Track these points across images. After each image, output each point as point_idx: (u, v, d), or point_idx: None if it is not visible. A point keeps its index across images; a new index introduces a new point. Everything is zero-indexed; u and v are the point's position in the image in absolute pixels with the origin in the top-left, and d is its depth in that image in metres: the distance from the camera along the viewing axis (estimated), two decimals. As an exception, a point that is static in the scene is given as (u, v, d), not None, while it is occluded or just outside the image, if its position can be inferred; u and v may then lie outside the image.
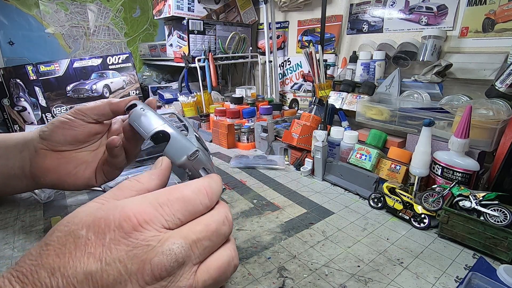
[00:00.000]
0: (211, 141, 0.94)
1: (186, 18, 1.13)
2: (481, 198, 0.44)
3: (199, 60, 1.15)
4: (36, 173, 0.43)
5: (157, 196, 0.24)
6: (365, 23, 0.97)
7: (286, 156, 0.78)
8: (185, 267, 0.23)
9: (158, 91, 1.37)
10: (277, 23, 1.28)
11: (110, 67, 1.20)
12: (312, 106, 0.81)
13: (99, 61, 1.18)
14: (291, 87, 1.28)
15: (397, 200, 0.51)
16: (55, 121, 0.42)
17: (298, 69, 1.25)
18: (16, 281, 0.20)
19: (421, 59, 0.76)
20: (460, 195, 0.46)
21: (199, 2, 1.20)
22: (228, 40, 1.23)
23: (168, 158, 0.30)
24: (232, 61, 1.30)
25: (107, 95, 1.18)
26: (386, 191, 0.53)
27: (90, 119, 0.43)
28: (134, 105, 0.37)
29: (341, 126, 0.83)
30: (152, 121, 0.34)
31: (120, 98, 1.20)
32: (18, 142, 0.43)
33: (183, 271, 0.23)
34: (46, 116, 1.07)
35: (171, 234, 0.23)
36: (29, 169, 0.43)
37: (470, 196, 0.45)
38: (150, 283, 0.21)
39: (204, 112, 1.13)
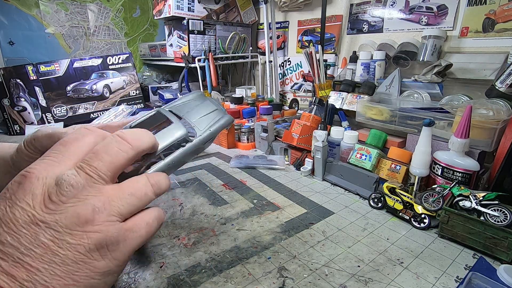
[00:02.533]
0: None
1: (186, 18, 1.13)
2: (481, 198, 0.44)
3: (199, 60, 1.15)
4: None
5: (46, 152, 0.27)
6: (365, 23, 0.97)
7: (286, 156, 0.78)
8: (88, 188, 0.26)
9: (158, 91, 1.37)
10: (277, 23, 1.28)
11: (110, 67, 1.20)
12: (312, 106, 0.81)
13: (99, 61, 1.18)
14: (291, 87, 1.28)
15: (397, 200, 0.51)
16: (18, 149, 0.37)
17: (298, 69, 1.25)
18: None
19: (421, 59, 0.76)
20: (460, 195, 0.46)
21: (199, 2, 1.20)
22: (228, 40, 1.23)
23: None
24: (232, 61, 1.30)
25: (107, 95, 1.18)
26: (386, 191, 0.53)
27: (42, 151, 0.35)
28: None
29: (341, 126, 0.82)
30: None
31: (121, 98, 1.20)
32: (1, 164, 0.39)
33: (88, 191, 0.25)
34: (46, 116, 1.07)
35: (64, 168, 0.26)
36: None
37: (470, 196, 0.45)
38: (56, 209, 0.24)
39: (204, 112, 1.13)
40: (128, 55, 1.24)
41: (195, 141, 0.33)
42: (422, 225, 0.48)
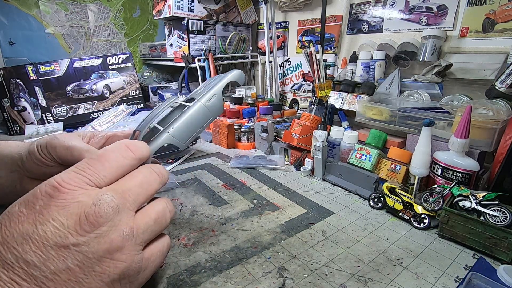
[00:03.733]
0: (211, 141, 0.94)
1: (186, 18, 1.13)
2: (481, 198, 0.44)
3: (199, 60, 1.15)
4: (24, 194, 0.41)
5: (78, 164, 0.27)
6: (365, 23, 0.97)
7: (286, 156, 0.78)
8: (122, 213, 0.25)
9: (158, 91, 1.37)
10: (277, 23, 1.28)
11: (110, 67, 1.20)
12: (312, 106, 0.81)
13: (99, 61, 1.18)
14: (291, 87, 1.28)
15: (397, 200, 0.51)
16: (30, 151, 0.37)
17: (298, 69, 1.25)
18: None
19: (421, 59, 0.76)
20: (460, 195, 0.46)
21: (199, 2, 1.20)
22: (228, 40, 1.23)
23: None
24: (232, 61, 1.30)
25: (107, 95, 1.18)
26: (386, 191, 0.53)
27: (57, 161, 0.36)
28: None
29: (341, 126, 0.83)
30: None
31: (121, 98, 1.20)
32: (7, 162, 0.40)
33: (121, 216, 0.25)
34: (46, 116, 1.07)
35: (104, 189, 0.25)
36: (20, 189, 0.39)
37: (470, 196, 0.45)
38: (91, 231, 0.23)
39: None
40: (128, 55, 1.24)
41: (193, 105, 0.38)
42: (422, 225, 0.48)
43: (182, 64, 1.19)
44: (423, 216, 0.48)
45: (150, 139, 0.37)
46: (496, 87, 0.60)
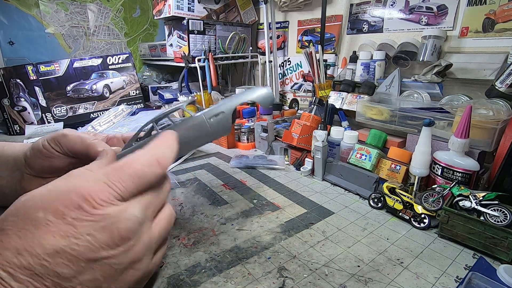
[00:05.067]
0: (211, 141, 0.94)
1: (186, 18, 1.13)
2: (481, 198, 0.44)
3: (199, 60, 1.15)
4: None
5: (109, 174, 0.26)
6: (365, 23, 0.97)
7: (286, 156, 0.78)
8: (145, 225, 0.27)
9: (158, 91, 1.37)
10: (277, 23, 1.28)
11: (110, 67, 1.20)
12: (312, 106, 0.81)
13: (99, 61, 1.18)
14: (291, 87, 1.28)
15: (397, 200, 0.51)
16: (35, 148, 0.38)
17: (298, 69, 1.25)
18: None
19: (421, 59, 0.76)
20: (460, 195, 0.46)
21: (199, 2, 1.20)
22: (228, 40, 1.23)
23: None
24: (232, 61, 1.30)
25: (107, 95, 1.18)
26: (386, 191, 0.53)
27: (66, 153, 0.38)
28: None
29: (341, 126, 0.83)
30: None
31: (121, 98, 1.20)
32: (9, 160, 0.40)
33: (144, 228, 0.26)
34: (46, 116, 1.07)
35: (130, 203, 0.26)
36: (19, 190, 0.40)
37: (470, 196, 0.45)
38: (121, 245, 0.24)
39: (204, 112, 1.13)
40: (128, 55, 1.24)
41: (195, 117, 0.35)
42: (422, 225, 0.48)
43: (182, 64, 1.19)
44: (423, 216, 0.48)
45: (145, 139, 0.36)
46: (496, 87, 0.60)
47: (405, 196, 0.51)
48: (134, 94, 1.25)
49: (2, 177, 0.40)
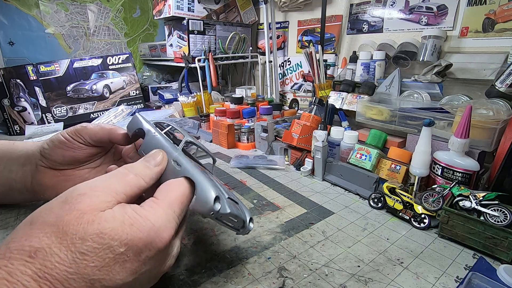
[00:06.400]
0: (211, 141, 0.94)
1: (186, 18, 1.13)
2: (481, 198, 0.44)
3: (199, 60, 1.15)
4: (35, 188, 0.42)
5: (175, 208, 0.28)
6: (365, 23, 0.97)
7: (286, 156, 0.78)
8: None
9: (158, 91, 1.37)
10: (277, 23, 1.28)
11: (110, 67, 1.20)
12: (312, 106, 0.81)
13: (99, 61, 1.18)
14: (291, 87, 1.28)
15: (397, 200, 0.51)
16: (55, 140, 0.41)
17: (298, 69, 1.25)
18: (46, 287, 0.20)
19: (421, 59, 0.76)
20: (460, 195, 0.46)
21: (199, 2, 1.20)
22: (228, 40, 1.23)
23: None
24: (232, 61, 1.30)
25: (107, 95, 1.18)
26: (386, 191, 0.53)
27: (88, 143, 0.41)
28: (142, 132, 0.35)
29: (341, 126, 0.83)
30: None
31: (121, 98, 1.20)
32: (21, 155, 0.42)
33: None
34: (46, 116, 1.07)
35: (175, 241, 0.29)
36: (30, 184, 0.42)
37: (470, 196, 0.45)
38: (156, 278, 0.28)
39: (204, 112, 1.13)
40: (128, 55, 1.24)
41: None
42: (422, 225, 0.48)
43: (182, 64, 1.19)
44: (423, 216, 0.48)
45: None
46: (496, 87, 0.60)
47: (405, 196, 0.51)
48: (134, 94, 1.25)
49: (13, 171, 0.42)
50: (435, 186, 0.51)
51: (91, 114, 1.15)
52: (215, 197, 0.29)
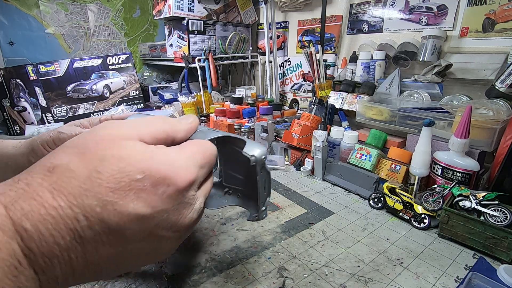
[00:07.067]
0: (211, 141, 0.94)
1: (186, 18, 1.13)
2: (481, 198, 0.44)
3: (199, 60, 1.15)
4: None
5: (200, 158, 0.27)
6: (365, 23, 0.97)
7: (286, 156, 0.78)
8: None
9: (158, 91, 1.37)
10: (277, 23, 1.28)
11: (110, 67, 1.20)
12: (312, 106, 0.81)
13: (99, 61, 1.18)
14: (291, 87, 1.28)
15: (397, 200, 0.51)
16: (34, 147, 0.38)
17: (298, 69, 1.25)
18: (70, 203, 0.20)
19: (421, 59, 0.76)
20: (460, 195, 0.46)
21: (199, 2, 1.20)
22: (228, 40, 1.23)
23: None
24: (232, 61, 1.30)
25: (107, 95, 1.18)
26: (386, 191, 0.53)
27: None
28: None
29: (341, 126, 0.82)
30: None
31: (121, 98, 1.20)
32: (10, 163, 0.40)
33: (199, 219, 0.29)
34: (46, 116, 1.07)
35: (200, 193, 0.27)
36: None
37: (470, 196, 0.45)
38: (177, 232, 0.26)
39: (204, 112, 1.13)
40: (128, 55, 1.24)
41: None
42: (422, 225, 0.48)
43: (182, 64, 1.19)
44: (423, 216, 0.48)
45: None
46: (496, 87, 0.60)
47: (405, 196, 0.51)
48: (134, 94, 1.25)
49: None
50: (435, 186, 0.51)
51: (91, 114, 1.15)
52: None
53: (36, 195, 0.20)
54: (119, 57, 1.22)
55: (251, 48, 1.34)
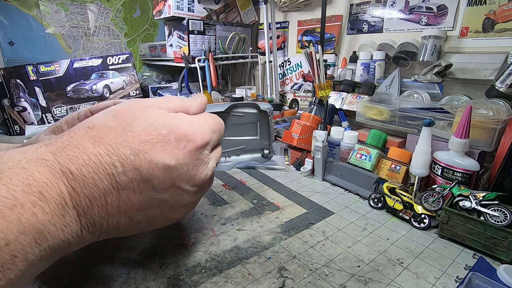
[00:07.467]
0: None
1: (186, 18, 1.13)
2: (481, 198, 0.44)
3: (199, 60, 1.15)
4: None
5: (213, 124, 0.33)
6: (365, 23, 0.97)
7: (286, 156, 0.78)
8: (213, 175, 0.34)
9: (158, 91, 1.37)
10: (277, 23, 1.28)
11: (110, 67, 1.20)
12: (312, 106, 0.81)
13: (99, 61, 1.18)
14: (291, 87, 1.28)
15: (397, 200, 0.51)
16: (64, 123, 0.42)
17: (298, 69, 1.25)
18: (108, 152, 0.24)
19: (421, 59, 0.76)
20: (460, 195, 0.46)
21: (199, 2, 1.20)
22: (228, 40, 1.23)
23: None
24: (232, 61, 1.30)
25: (107, 95, 1.18)
26: (386, 191, 0.53)
27: None
28: None
29: (341, 126, 0.83)
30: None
31: (121, 98, 1.20)
32: None
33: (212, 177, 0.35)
34: (46, 116, 1.07)
35: (212, 155, 0.33)
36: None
37: (470, 196, 0.45)
38: (195, 186, 0.30)
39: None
40: (128, 55, 1.24)
41: None
42: (422, 225, 0.48)
43: (182, 64, 1.19)
44: (423, 216, 0.48)
45: None
46: (496, 87, 0.60)
47: (405, 196, 0.51)
48: (134, 94, 1.25)
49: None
50: (435, 186, 0.51)
51: (91, 114, 1.15)
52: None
53: (79, 145, 0.23)
54: (119, 57, 1.22)
55: (251, 48, 1.33)
